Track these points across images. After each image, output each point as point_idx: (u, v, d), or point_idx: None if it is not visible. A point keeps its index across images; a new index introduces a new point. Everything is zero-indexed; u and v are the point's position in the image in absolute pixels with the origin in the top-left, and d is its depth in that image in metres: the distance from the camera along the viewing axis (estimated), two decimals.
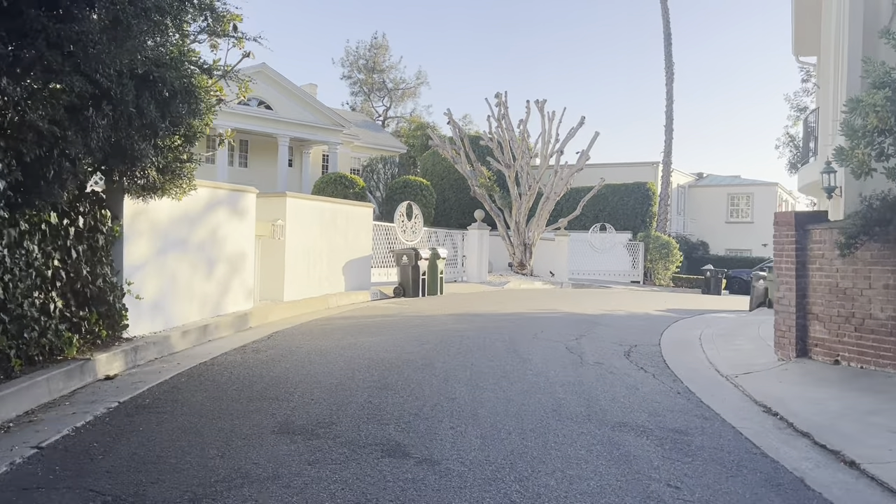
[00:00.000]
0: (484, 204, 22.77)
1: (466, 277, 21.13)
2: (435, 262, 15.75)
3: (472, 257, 20.87)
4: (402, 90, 61.27)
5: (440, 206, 31.32)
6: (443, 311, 12.38)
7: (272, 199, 11.78)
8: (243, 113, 34.63)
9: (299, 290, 12.18)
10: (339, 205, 13.71)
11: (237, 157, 37.59)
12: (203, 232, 9.15)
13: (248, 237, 10.38)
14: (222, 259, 9.64)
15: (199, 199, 9.05)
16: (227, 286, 9.77)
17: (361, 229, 14.45)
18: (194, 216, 8.95)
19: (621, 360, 8.28)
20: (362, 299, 13.88)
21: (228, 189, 9.77)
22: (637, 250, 27.96)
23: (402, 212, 17.77)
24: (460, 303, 14.13)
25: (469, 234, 20.98)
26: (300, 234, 12.18)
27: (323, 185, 26.98)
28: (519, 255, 22.96)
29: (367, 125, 46.94)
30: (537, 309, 13.65)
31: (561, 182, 22.85)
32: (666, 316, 14.26)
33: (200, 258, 9.10)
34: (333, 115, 38.09)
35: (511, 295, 17.39)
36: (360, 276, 14.43)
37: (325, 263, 13.06)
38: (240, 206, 10.10)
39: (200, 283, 9.09)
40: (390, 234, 17.32)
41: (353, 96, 61.52)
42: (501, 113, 22.50)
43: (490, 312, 12.44)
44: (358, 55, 60.02)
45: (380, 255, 16.85)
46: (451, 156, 22.57)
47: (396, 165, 35.97)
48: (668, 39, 29.10)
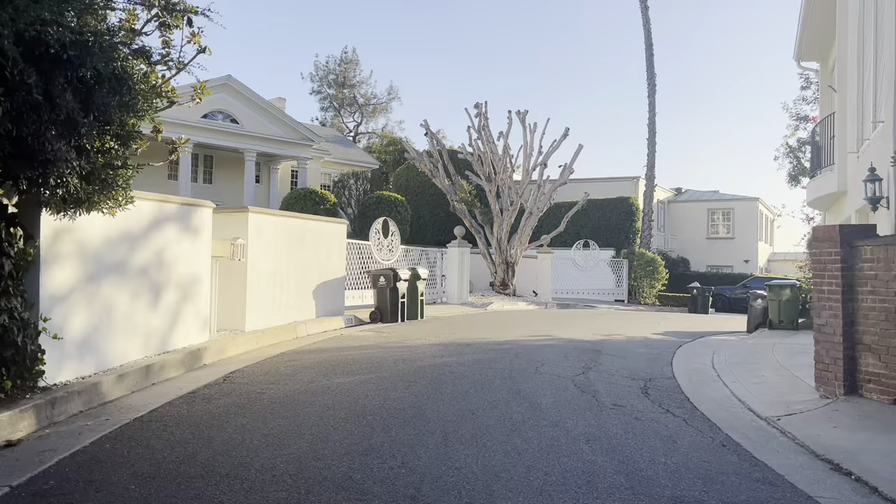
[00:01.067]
0: (464, 220, 21.54)
1: (446, 298, 19.82)
2: (415, 284, 14.43)
3: (453, 277, 19.58)
4: (374, 105, 60.17)
5: (415, 222, 30.06)
6: (427, 339, 11.05)
7: (232, 215, 10.39)
8: (207, 126, 33.05)
9: (264, 317, 10.76)
10: (309, 221, 12.35)
11: (201, 173, 35.96)
12: (147, 253, 7.74)
13: (203, 258, 8.97)
14: (171, 285, 8.22)
15: (143, 215, 7.64)
16: (177, 316, 8.34)
17: (334, 248, 13.09)
18: (137, 234, 7.54)
19: (641, 399, 7.07)
20: (336, 326, 12.48)
21: (178, 203, 8.37)
22: (621, 268, 26.94)
23: (378, 228, 16.44)
24: (444, 329, 12.81)
25: (449, 253, 19.70)
26: (264, 253, 10.78)
27: (292, 200, 25.56)
28: (501, 273, 21.74)
29: (338, 140, 45.59)
30: (529, 335, 12.41)
31: (544, 197, 21.73)
32: (666, 340, 13.21)
33: (144, 284, 7.67)
34: (303, 129, 36.68)
35: (496, 318, 16.12)
36: (333, 300, 13.04)
37: (294, 287, 11.66)
38: (193, 223, 8.70)
39: (144, 315, 7.66)
40: (364, 252, 15.97)
41: (323, 112, 60.25)
42: (481, 124, 21.33)
43: (479, 340, 11.15)
44: (328, 70, 58.84)
45: (354, 276, 15.48)
46: (429, 169, 21.33)
47: (369, 181, 34.66)
48: (650, 49, 28.33)
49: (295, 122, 36.29)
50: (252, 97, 34.26)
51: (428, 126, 21.40)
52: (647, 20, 28.29)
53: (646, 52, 28.39)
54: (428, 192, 32.09)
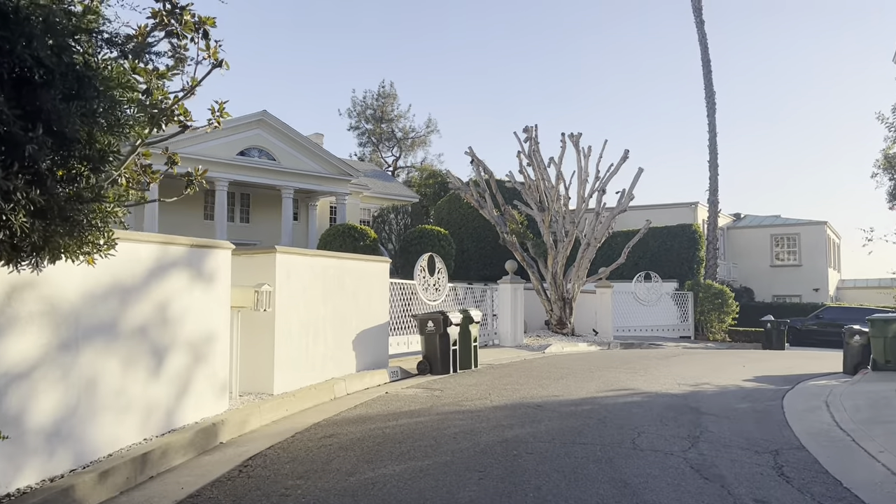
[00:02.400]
0: (515, 254, 19.81)
1: (499, 340, 18.03)
2: (467, 328, 12.70)
3: (506, 316, 17.81)
4: (412, 139, 59.27)
5: (459, 256, 28.43)
6: (488, 399, 9.28)
7: (256, 257, 8.86)
8: (244, 164, 32.10)
9: (296, 375, 9.14)
10: (347, 261, 10.77)
11: (238, 212, 35.01)
12: (146, 308, 6.20)
13: (220, 310, 7.42)
14: (179, 345, 6.66)
15: (140, 261, 6.12)
16: (186, 384, 6.76)
17: (375, 290, 11.47)
18: (132, 286, 6.01)
19: (781, 486, 5.41)
20: (379, 381, 10.80)
21: (186, 245, 6.85)
22: (686, 301, 24.79)
23: (424, 266, 14.81)
24: (505, 382, 11.02)
25: (500, 290, 17.95)
26: (296, 300, 9.21)
27: (330, 237, 24.16)
28: (557, 311, 19.88)
29: (377, 175, 44.51)
30: (606, 389, 10.55)
31: (602, 226, 19.92)
32: (762, 389, 11.38)
33: (142, 347, 6.12)
34: (341, 164, 35.58)
35: (559, 364, 14.25)
36: (376, 349, 11.38)
37: (331, 337, 10.05)
38: (206, 269, 7.16)
39: (142, 386, 6.09)
40: (409, 292, 14.34)
41: (361, 147, 59.55)
42: (532, 149, 19.70)
43: (550, 399, 9.34)
44: (365, 105, 58.25)
45: (398, 319, 13.84)
46: (476, 200, 19.72)
47: (409, 215, 33.24)
48: (708, 66, 26.46)
49: (332, 156, 35.22)
50: (288, 132, 33.31)
51: (473, 153, 19.86)
52: (704, 35, 26.48)
53: (703, 68, 26.54)
54: (472, 225, 30.50)
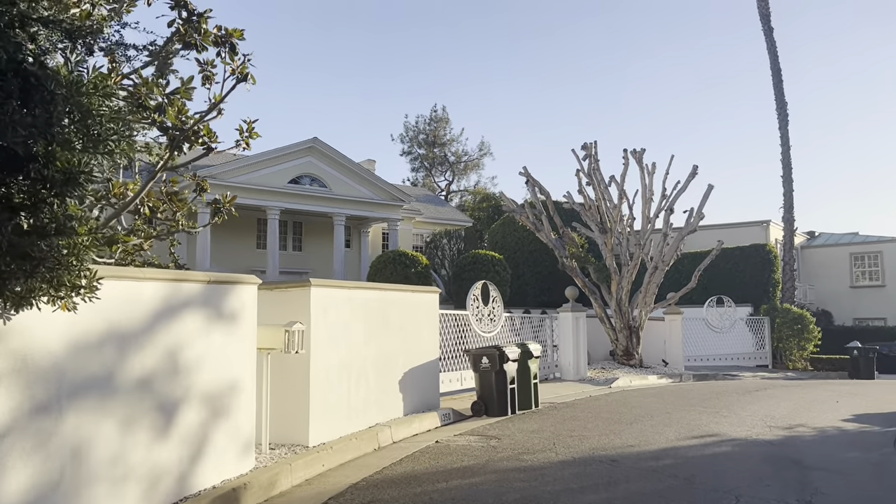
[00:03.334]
0: (575, 279, 18.55)
1: (560, 373, 16.74)
2: (526, 364, 11.53)
3: (567, 347, 16.53)
4: (465, 163, 58.57)
5: (515, 282, 27.23)
6: (553, 451, 8.08)
7: (290, 293, 7.95)
8: (295, 192, 31.74)
9: (334, 424, 8.15)
10: (392, 292, 9.78)
11: (290, 241, 34.65)
12: (151, 357, 5.31)
13: (244, 355, 6.49)
14: (192, 398, 5.75)
15: (142, 302, 5.24)
16: (202, 442, 5.83)
17: (424, 323, 10.45)
18: (132, 331, 5.13)
19: None
20: (429, 425, 9.73)
21: (202, 282, 5.95)
22: (762, 327, 22.99)
23: (477, 294, 13.73)
24: (570, 427, 9.79)
25: (561, 319, 16.71)
26: (334, 338, 8.25)
27: (381, 265, 23.33)
28: (623, 340, 18.47)
29: (430, 199, 43.80)
30: (687, 435, 9.23)
31: (670, 248, 18.50)
32: (868, 432, 10.00)
33: (145, 404, 5.22)
34: (392, 189, 34.95)
35: (629, 401, 12.91)
36: (425, 389, 10.33)
37: (374, 378, 9.04)
38: (227, 308, 6.26)
39: (144, 449, 5.18)
40: (462, 323, 13.27)
41: (414, 172, 59.15)
42: (591, 166, 18.49)
43: (625, 450, 8.09)
44: (418, 130, 57.90)
45: (450, 353, 12.76)
46: (532, 222, 18.59)
47: (462, 240, 32.27)
48: (778, 76, 24.81)
49: (384, 182, 34.66)
50: (339, 159, 32.90)
51: (528, 173, 18.77)
52: (773, 43, 24.87)
53: (773, 78, 24.88)
54: (527, 249, 29.30)
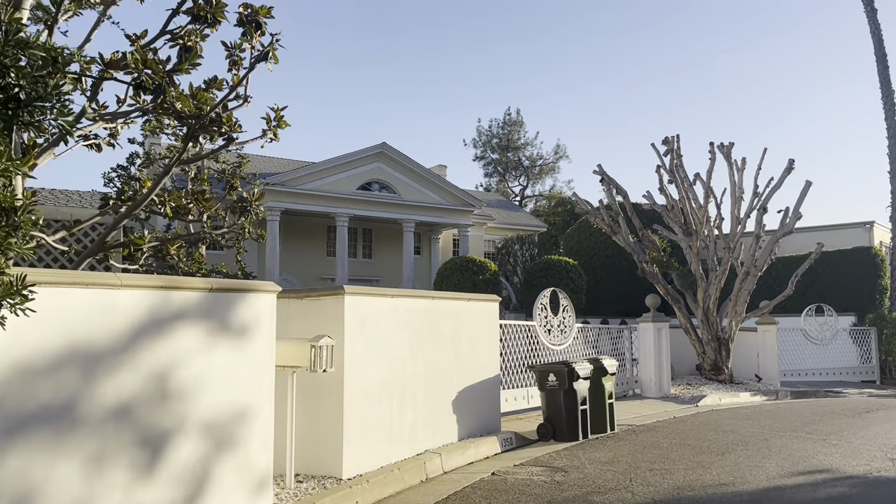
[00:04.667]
0: (656, 286, 16.98)
1: (641, 390, 15.25)
2: (600, 382, 10.23)
3: (648, 361, 15.04)
4: (540, 167, 57.10)
5: (591, 290, 25.71)
6: (629, 490, 6.80)
7: (320, 302, 6.99)
8: (364, 198, 31.21)
9: (373, 451, 7.12)
10: (444, 301, 8.70)
11: (360, 248, 34.18)
12: (130, 380, 4.42)
13: (259, 374, 5.55)
14: (188, 428, 4.83)
15: (120, 314, 4.37)
16: (200, 482, 4.90)
17: (481, 335, 9.33)
18: (101, 351, 4.25)
19: None
20: (487, 452, 8.59)
21: (200, 289, 5.03)
22: (867, 338, 20.70)
23: (545, 303, 12.50)
24: (651, 458, 8.45)
25: (641, 330, 15.22)
26: (374, 355, 7.24)
27: (448, 271, 22.36)
28: (711, 353, 16.77)
29: (502, 205, 42.62)
30: (792, 469, 7.74)
31: (764, 251, 16.71)
32: None
33: (122, 437, 4.33)
34: (463, 195, 33.99)
35: (720, 425, 11.37)
36: (483, 409, 9.20)
37: (422, 398, 7.98)
38: (235, 320, 5.34)
39: (122, 491, 4.28)
40: (528, 335, 12.06)
41: (487, 177, 58.07)
42: (673, 163, 16.91)
43: (717, 492, 6.73)
44: (491, 134, 56.85)
45: (514, 368, 11.58)
46: (608, 225, 17.16)
47: (536, 245, 30.93)
48: (884, 61, 22.40)
49: (454, 187, 33.74)
50: (408, 164, 32.21)
51: (603, 171, 17.35)
52: (877, 26, 22.46)
53: (877, 65, 22.47)
54: (605, 254, 27.73)
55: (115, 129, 7.00)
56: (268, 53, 6.42)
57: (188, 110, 6.49)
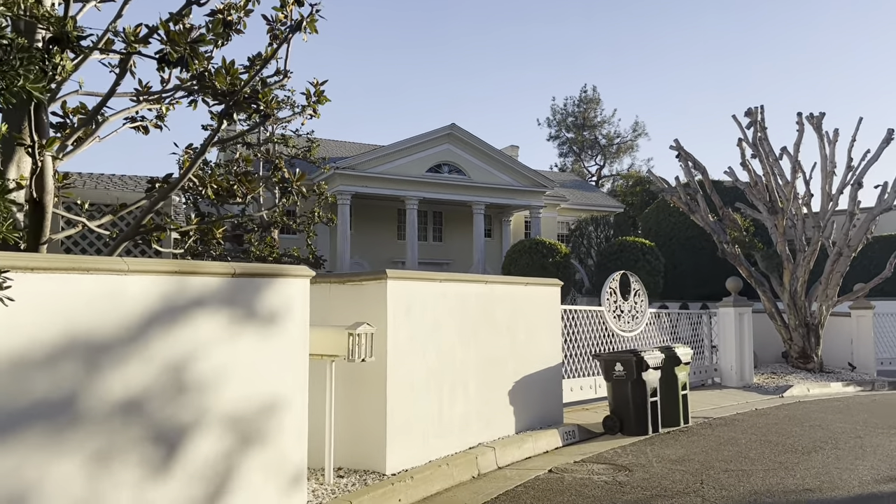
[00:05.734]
0: (739, 268, 15.89)
1: (720, 378, 14.33)
2: (672, 372, 9.51)
3: (729, 348, 14.09)
4: (618, 145, 55.41)
5: (669, 273, 24.58)
6: (699, 495, 6.14)
7: (362, 287, 6.60)
8: (433, 181, 30.88)
9: (421, 445, 6.72)
10: (499, 285, 8.17)
11: (430, 231, 33.92)
12: (141, 372, 4.13)
13: (290, 364, 5.21)
14: (209, 422, 4.53)
15: (128, 301, 4.08)
16: (223, 478, 4.60)
17: (541, 321, 8.78)
18: (107, 341, 3.97)
19: None
20: (546, 446, 8.06)
21: (221, 274, 4.70)
22: None
23: (613, 287, 11.79)
24: (727, 456, 7.72)
25: (721, 315, 14.27)
26: (420, 342, 6.82)
27: (516, 254, 21.74)
28: (798, 340, 15.59)
29: (577, 185, 41.49)
30: (891, 473, 6.88)
31: (858, 230, 15.36)
32: None
33: (131, 433, 4.05)
34: (535, 175, 33.17)
35: (807, 418, 10.44)
36: (544, 400, 8.66)
37: (474, 389, 7.52)
38: (263, 307, 5.00)
39: (131, 490, 4.01)
40: (595, 321, 11.41)
41: (562, 157, 56.82)
42: (756, 136, 15.71)
43: (801, 499, 5.99)
44: (566, 113, 55.49)
45: (579, 356, 10.96)
46: (685, 203, 16.14)
47: (611, 227, 29.85)
48: None
49: (526, 168, 32.95)
50: (478, 145, 31.63)
51: (680, 146, 16.30)
52: None
53: None
54: (684, 235, 26.45)
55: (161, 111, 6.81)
56: (301, 24, 6.04)
57: (223, 87, 6.21)
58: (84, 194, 7.58)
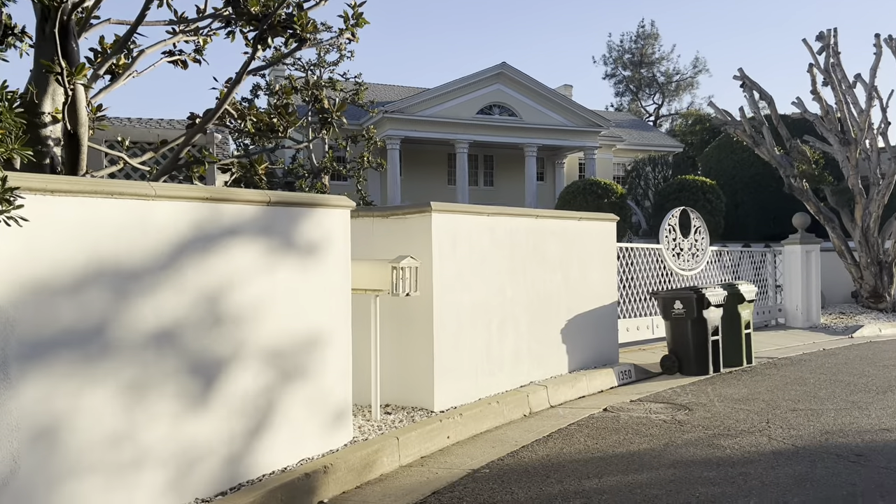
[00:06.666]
0: (807, 205, 15.06)
1: (785, 319, 13.73)
2: (735, 310, 9.05)
3: (794, 287, 13.44)
4: (677, 83, 53.36)
5: (731, 213, 23.67)
6: (765, 433, 5.79)
7: (407, 221, 6.33)
8: (483, 123, 30.23)
9: (470, 382, 6.52)
10: (550, 220, 7.80)
11: (481, 176, 33.43)
12: (174, 302, 3.98)
13: (332, 298, 5.02)
14: (248, 356, 4.39)
15: (154, 229, 3.90)
16: (265, 413, 4.48)
17: (595, 258, 8.40)
18: (137, 269, 3.81)
19: None
20: (600, 386, 7.78)
21: (257, 202, 4.49)
22: None
23: (672, 224, 11.27)
24: (794, 396, 7.31)
25: (787, 253, 13.59)
26: (467, 278, 6.55)
27: (569, 196, 21.17)
28: (870, 279, 14.79)
29: (633, 125, 40.15)
30: None
31: None
32: None
33: (167, 364, 3.92)
34: (590, 115, 32.14)
35: (879, 358, 9.87)
36: (598, 339, 8.35)
37: (525, 326, 7.25)
38: (301, 237, 4.79)
39: (168, 424, 3.91)
40: (654, 259, 10.95)
41: (618, 97, 55.06)
42: (829, 62, 14.64)
43: (876, 439, 5.59)
44: (623, 50, 53.51)
45: (636, 296, 10.56)
46: (750, 136, 15.26)
47: (670, 167, 28.83)
48: None
49: (580, 107, 31.92)
50: (530, 84, 30.71)
51: (745, 75, 15.32)
52: None
53: None
54: (747, 173, 25.34)
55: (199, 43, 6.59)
56: None
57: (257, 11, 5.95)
58: (126, 132, 7.47)
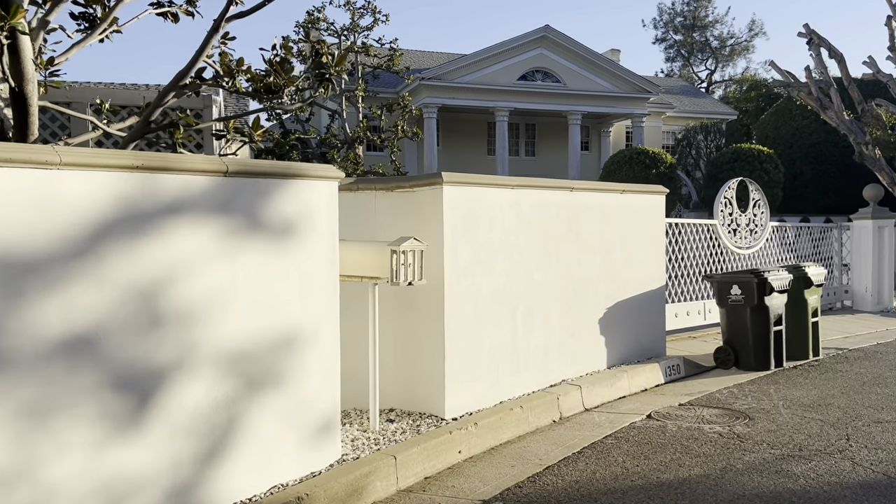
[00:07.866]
0: (879, 175, 13.58)
1: (852, 302, 12.41)
2: (801, 296, 7.90)
3: (864, 267, 12.11)
4: (731, 47, 50.82)
5: (789, 184, 22.08)
6: (846, 456, 4.72)
7: (412, 195, 5.37)
8: (525, 89, 28.86)
9: (489, 383, 5.58)
10: (588, 192, 6.73)
11: (522, 145, 32.15)
12: (91, 301, 3.12)
13: (312, 289, 4.12)
14: (199, 363, 3.53)
15: (66, 207, 3.03)
16: (224, 431, 3.63)
17: (642, 237, 7.33)
18: (36, 261, 2.96)
19: None
20: (644, 384, 6.77)
21: (210, 172, 3.58)
22: None
23: (729, 197, 10.08)
24: (874, 399, 6.19)
25: (855, 228, 12.24)
26: (487, 263, 5.58)
27: (614, 166, 19.88)
28: None
29: (684, 91, 38.18)
30: None
31: None
32: None
33: (81, 379, 3.08)
34: (638, 80, 30.47)
35: None
36: (641, 329, 7.31)
37: (556, 316, 6.26)
38: (274, 216, 3.89)
39: (87, 452, 3.08)
40: (707, 236, 9.81)
41: (668, 62, 52.81)
42: None
43: None
44: (674, 12, 51.12)
45: (685, 276, 9.46)
46: (816, 98, 13.78)
47: (723, 135, 27.11)
48: None
49: (627, 72, 30.26)
50: (575, 48, 29.17)
51: (812, 31, 13.79)
52: None
53: None
54: (807, 142, 23.60)
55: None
56: None
57: None
58: (110, 94, 6.66)
